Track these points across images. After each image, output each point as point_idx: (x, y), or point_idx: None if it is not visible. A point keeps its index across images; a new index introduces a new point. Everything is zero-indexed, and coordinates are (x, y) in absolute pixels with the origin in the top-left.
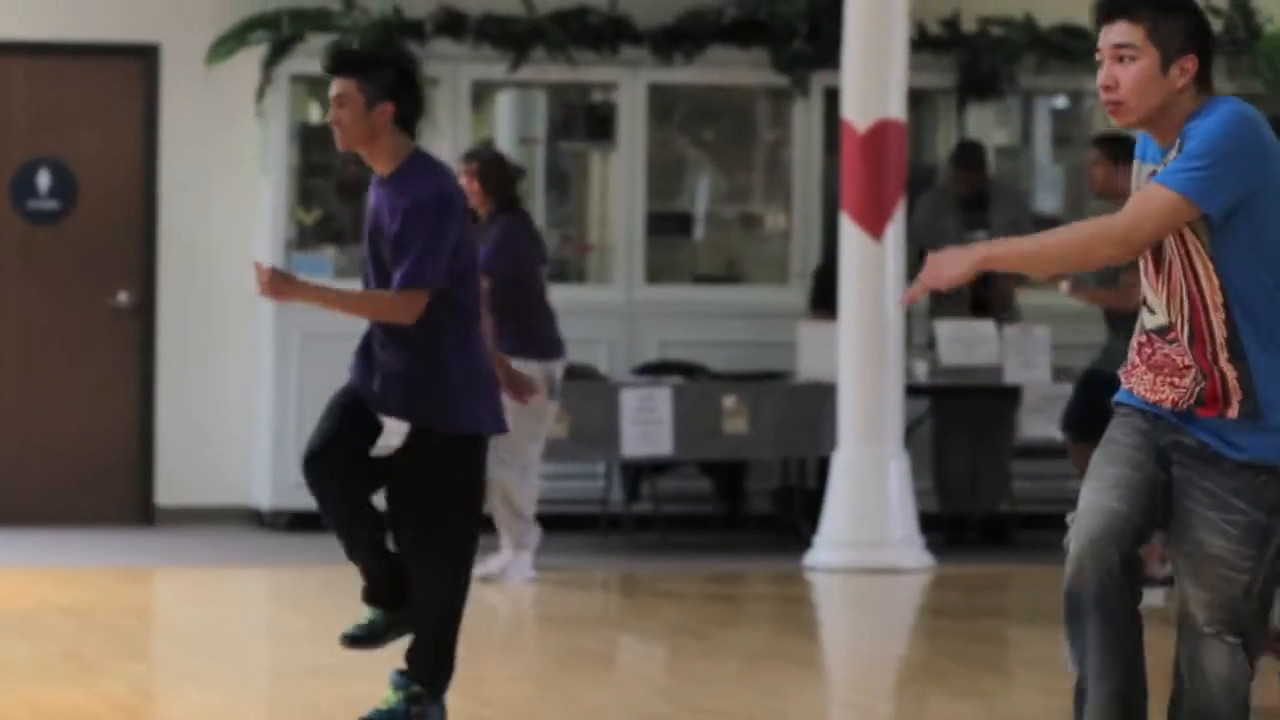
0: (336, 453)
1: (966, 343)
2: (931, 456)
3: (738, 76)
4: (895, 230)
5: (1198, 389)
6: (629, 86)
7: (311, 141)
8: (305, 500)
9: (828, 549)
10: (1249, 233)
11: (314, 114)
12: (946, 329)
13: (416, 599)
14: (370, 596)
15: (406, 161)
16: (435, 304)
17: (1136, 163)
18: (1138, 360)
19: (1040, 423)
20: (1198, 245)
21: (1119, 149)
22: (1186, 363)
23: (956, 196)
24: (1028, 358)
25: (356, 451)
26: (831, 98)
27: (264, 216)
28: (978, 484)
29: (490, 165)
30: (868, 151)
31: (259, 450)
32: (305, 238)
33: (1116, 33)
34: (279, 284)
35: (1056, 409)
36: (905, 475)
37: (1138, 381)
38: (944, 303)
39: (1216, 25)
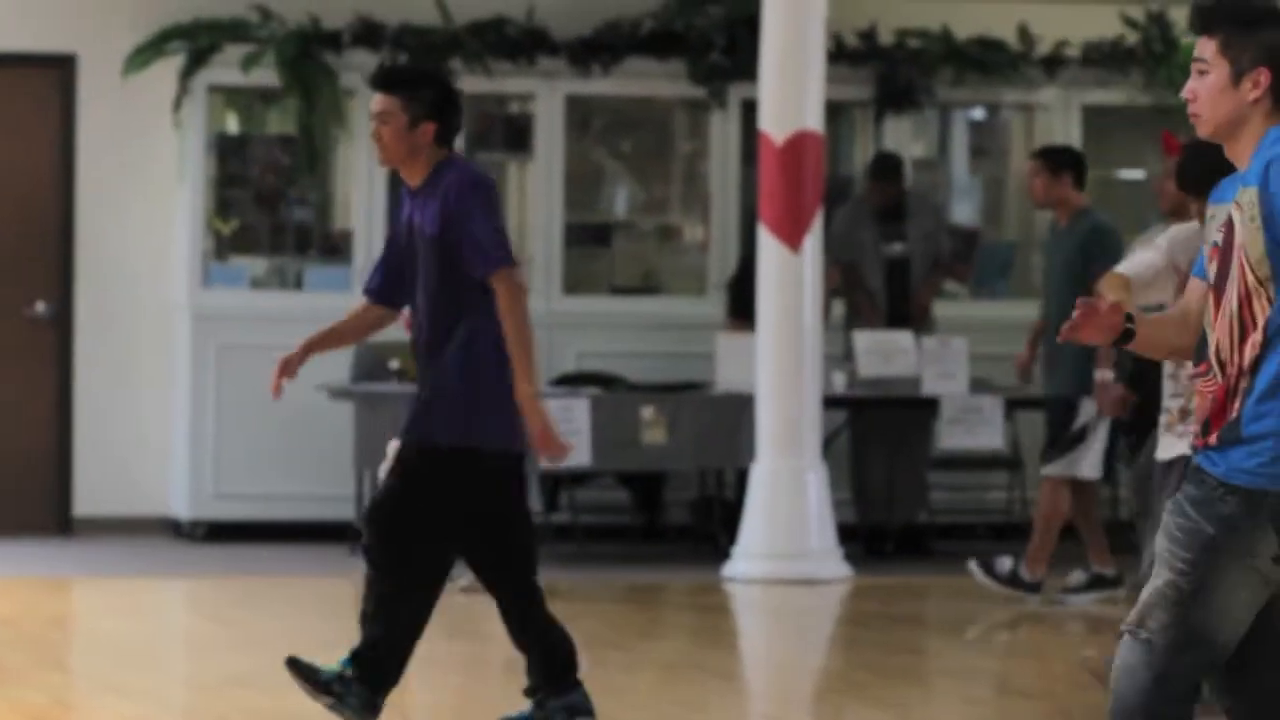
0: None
1: (884, 354)
2: (850, 467)
3: (655, 88)
4: (813, 242)
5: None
6: (546, 97)
7: (229, 152)
8: (223, 511)
9: (746, 560)
10: None
11: (231, 124)
12: (864, 340)
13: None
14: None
15: (435, 169)
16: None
17: (1210, 206)
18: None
19: (958, 433)
20: (1254, 263)
21: (1058, 159)
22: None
23: (873, 208)
24: (945, 369)
25: None
26: (749, 109)
27: (181, 227)
28: (895, 495)
29: None
30: (785, 163)
31: (177, 460)
32: (222, 248)
33: (1198, 47)
34: (553, 443)
35: (974, 420)
36: (823, 486)
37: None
38: (861, 315)
39: (1132, 37)
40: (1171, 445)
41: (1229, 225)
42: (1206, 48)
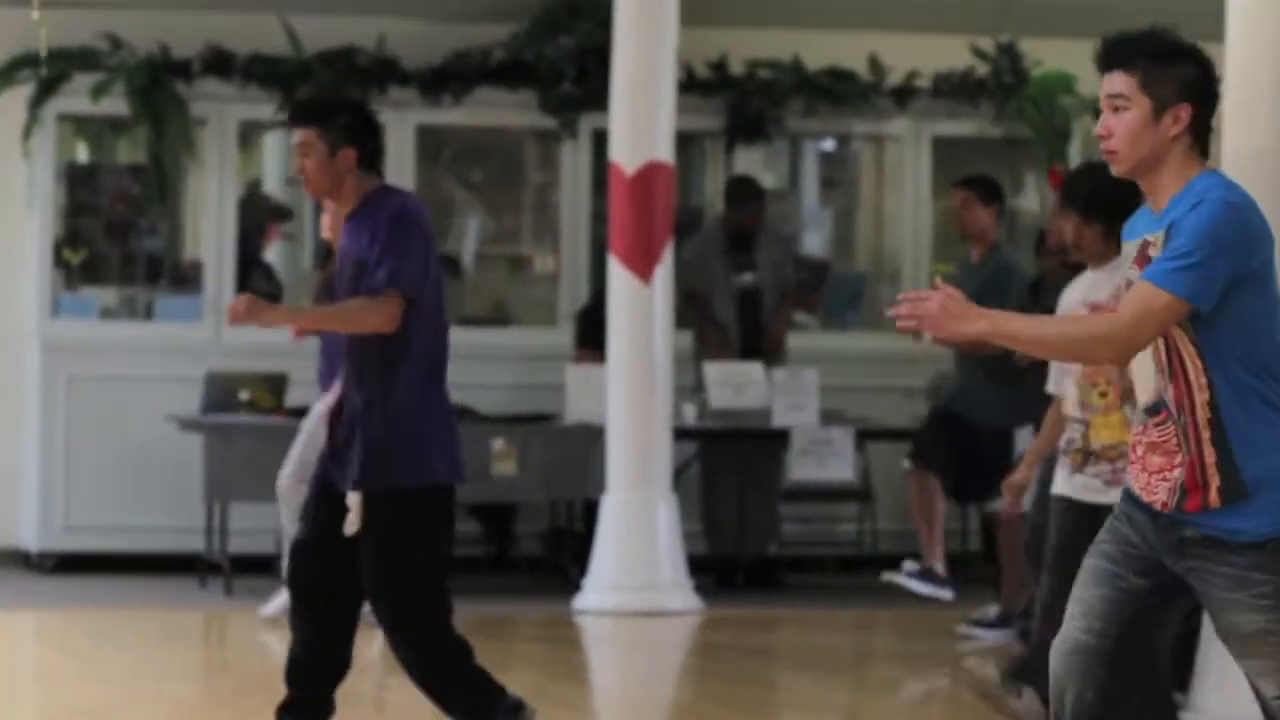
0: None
1: (735, 385)
2: (700, 499)
3: (506, 118)
4: (664, 272)
5: (1179, 480)
6: (397, 127)
7: (79, 181)
8: (72, 542)
9: (597, 592)
10: (1234, 315)
11: (81, 153)
12: (715, 371)
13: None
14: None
15: (368, 195)
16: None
17: (1126, 244)
18: (1134, 455)
19: (809, 465)
20: (1181, 330)
21: (991, 190)
22: (1176, 445)
23: (727, 235)
24: (796, 400)
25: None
26: (600, 140)
27: (31, 256)
28: (746, 527)
29: None
30: (636, 193)
31: (26, 491)
32: (72, 277)
33: (1110, 83)
34: (252, 306)
35: (825, 452)
36: (674, 518)
37: (1134, 479)
38: (710, 346)
39: (982, 69)
40: (1083, 488)
41: (1144, 263)
42: (1123, 83)
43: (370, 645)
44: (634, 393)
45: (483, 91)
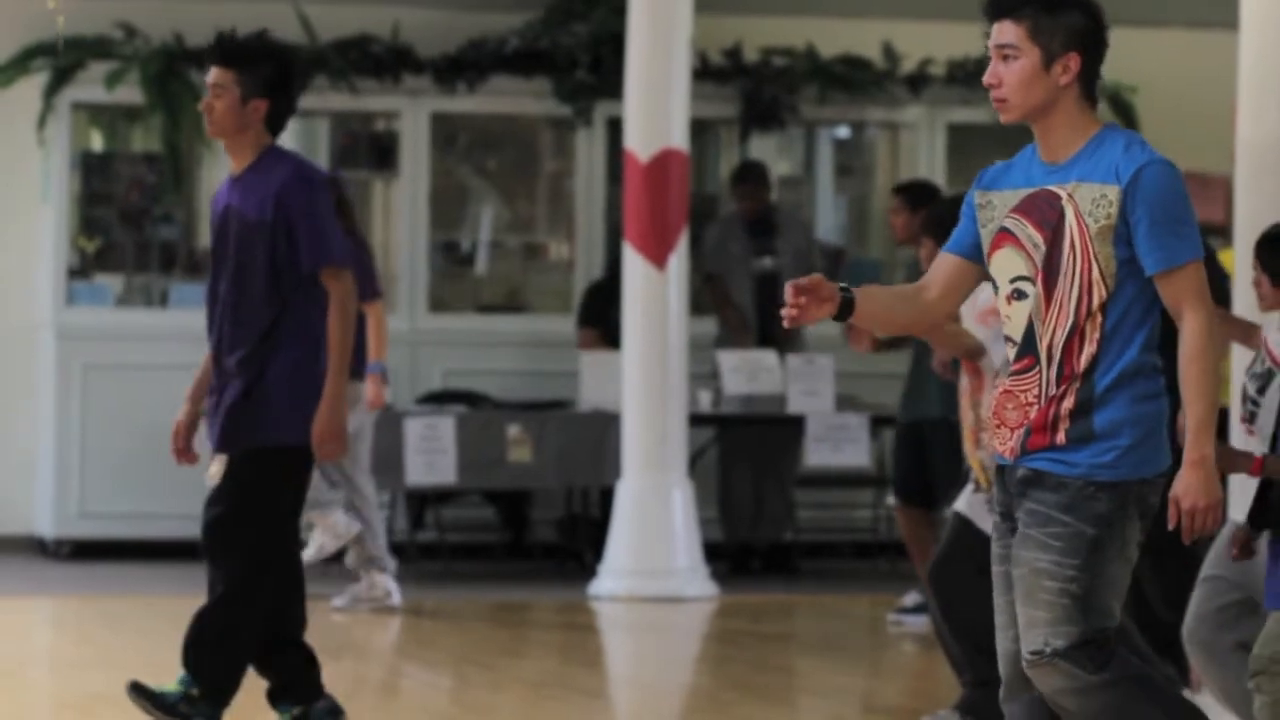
0: None
1: (749, 372)
2: (716, 485)
3: (520, 106)
4: (678, 259)
5: (1029, 425)
6: (411, 115)
7: (93, 170)
8: (88, 529)
9: (612, 578)
10: (1148, 281)
11: (96, 142)
12: (729, 359)
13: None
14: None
15: (262, 155)
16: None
17: (981, 193)
18: (995, 421)
19: (824, 451)
20: (1101, 260)
21: (917, 196)
22: (1032, 397)
23: (743, 220)
24: (811, 387)
25: None
26: (614, 127)
27: (45, 245)
28: (762, 513)
29: None
30: (650, 181)
31: (42, 479)
32: (87, 266)
33: (1000, 32)
34: (332, 447)
35: (840, 438)
36: (689, 504)
37: (997, 443)
38: (730, 329)
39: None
40: (977, 510)
41: (1056, 215)
42: (1012, 32)
43: (383, 632)
44: (649, 379)
45: (497, 79)
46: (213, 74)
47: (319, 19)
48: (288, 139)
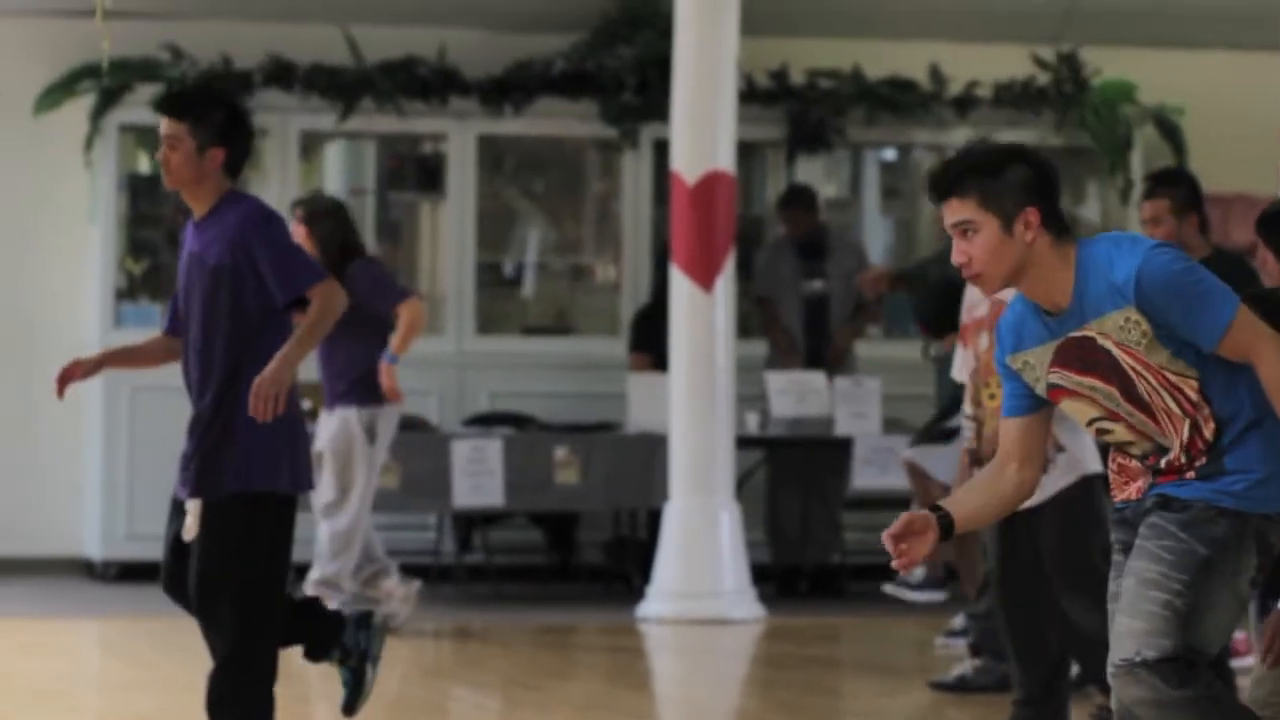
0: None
1: (797, 394)
2: (764, 507)
3: (567, 128)
4: (725, 282)
5: (1158, 470)
6: (458, 137)
7: (140, 191)
8: (135, 551)
9: (659, 600)
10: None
11: (143, 164)
12: (777, 381)
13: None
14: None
15: (220, 201)
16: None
17: (1014, 356)
18: (1115, 479)
19: (872, 474)
20: (1169, 363)
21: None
22: (1161, 466)
23: (793, 243)
24: (858, 409)
25: None
26: (661, 150)
27: (93, 266)
28: (809, 535)
29: (316, 210)
30: (697, 203)
31: (89, 501)
32: (134, 288)
33: (951, 211)
34: (271, 391)
35: (887, 460)
36: (737, 526)
37: (1117, 490)
38: (779, 351)
39: (1043, 78)
40: None
41: (1104, 355)
42: (963, 208)
43: (430, 654)
44: (696, 402)
45: (544, 101)
46: (165, 126)
47: (366, 41)
48: (335, 162)
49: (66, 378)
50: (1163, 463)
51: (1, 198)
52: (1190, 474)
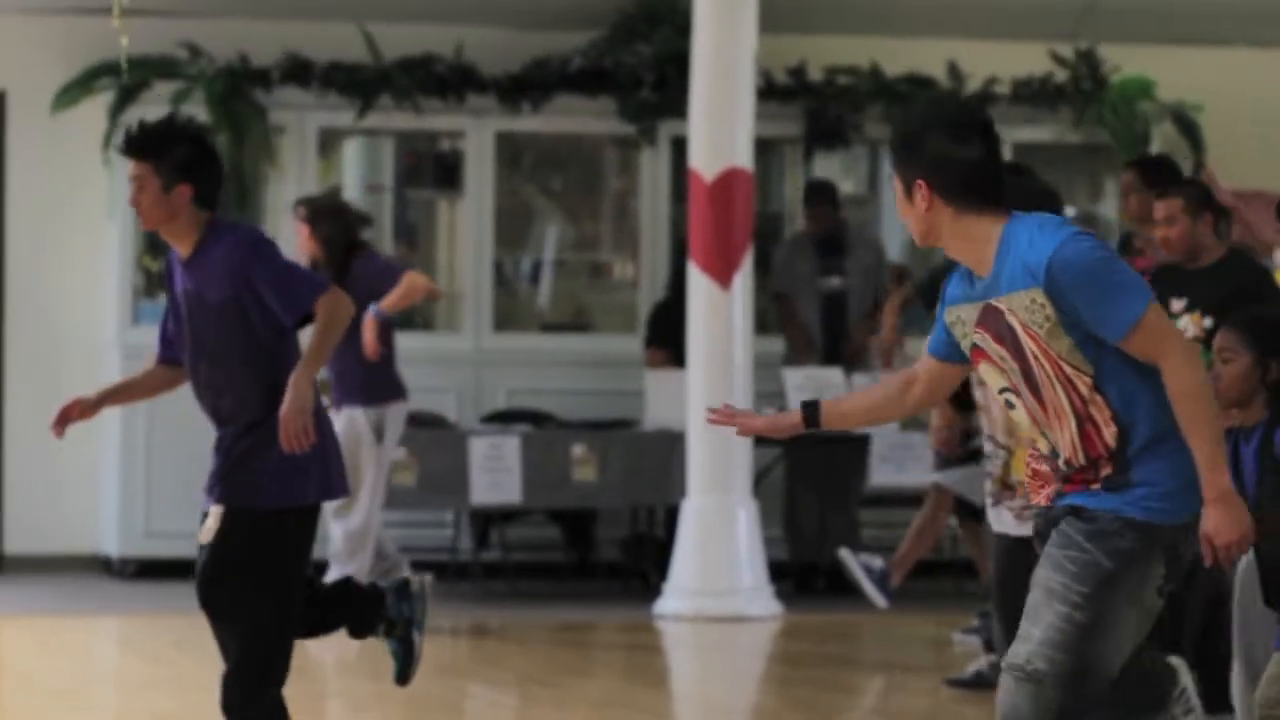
0: None
1: (815, 391)
2: (781, 504)
3: (585, 125)
4: (743, 279)
5: (1064, 475)
6: (476, 134)
7: None
8: (154, 548)
9: (677, 597)
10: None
11: None
12: (794, 377)
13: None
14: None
15: (203, 235)
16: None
17: (949, 308)
18: (1034, 477)
19: (889, 471)
20: (1066, 354)
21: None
22: (1065, 470)
23: (812, 239)
24: None
25: None
26: (679, 147)
27: (111, 264)
28: (827, 532)
29: (319, 210)
30: (715, 200)
31: (107, 498)
32: (152, 285)
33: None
34: (300, 423)
35: (905, 457)
36: (754, 523)
37: (1033, 493)
38: (796, 348)
39: (1061, 75)
40: (1005, 521)
41: (1009, 330)
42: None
43: (448, 651)
44: (713, 398)
45: (562, 99)
46: (130, 169)
47: (384, 39)
48: (353, 160)
49: (65, 417)
50: (1061, 462)
51: (20, 195)
52: (1097, 484)
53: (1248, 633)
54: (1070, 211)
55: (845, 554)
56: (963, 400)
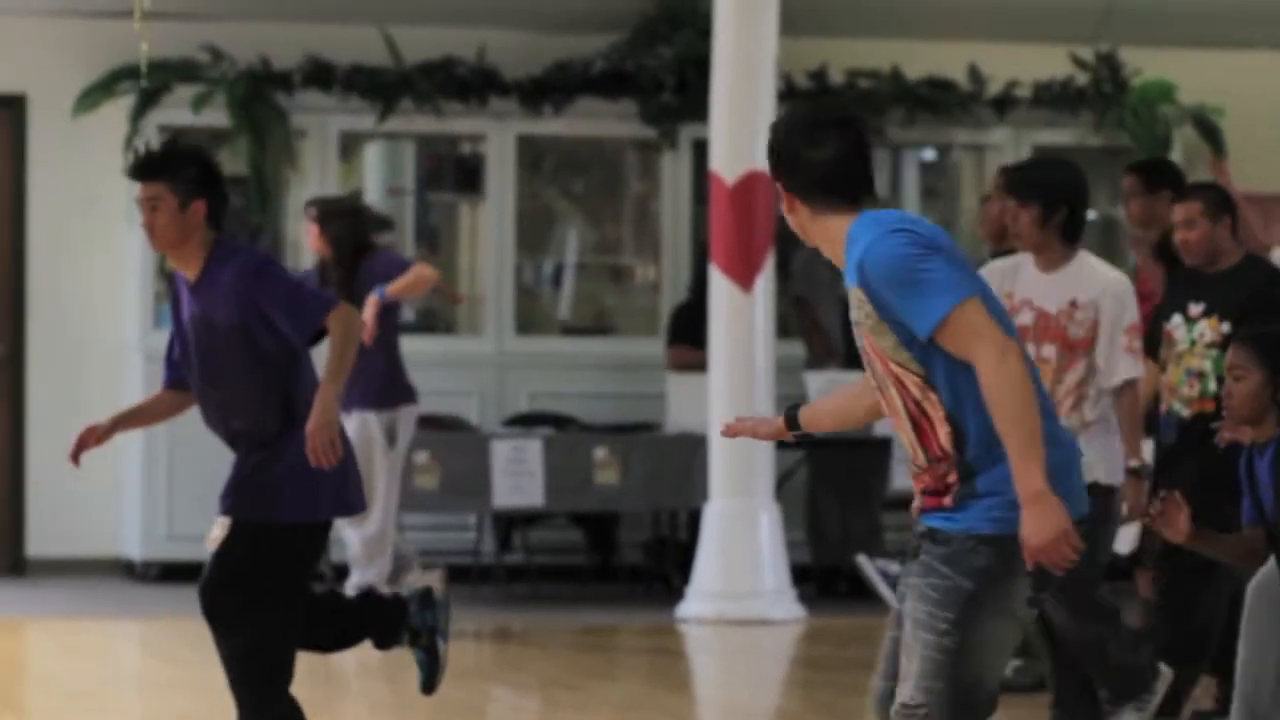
0: None
1: None
2: (803, 508)
3: (606, 128)
4: (764, 282)
5: (915, 475)
6: (497, 138)
7: None
8: (176, 551)
9: (699, 600)
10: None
11: None
12: (816, 381)
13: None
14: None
15: (210, 255)
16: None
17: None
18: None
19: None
20: (891, 351)
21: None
22: (922, 463)
23: None
24: None
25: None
26: (700, 150)
27: (133, 267)
28: (849, 535)
29: (329, 210)
30: (736, 203)
31: (130, 501)
32: None
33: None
34: (326, 436)
35: None
36: (777, 526)
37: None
38: (815, 352)
39: (1082, 78)
40: None
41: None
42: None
43: (470, 655)
44: (735, 402)
45: (583, 102)
46: (142, 190)
47: (405, 42)
48: (374, 163)
49: (82, 445)
50: (911, 463)
51: (41, 198)
52: (948, 500)
53: (1259, 646)
54: (1091, 214)
55: (862, 560)
56: None
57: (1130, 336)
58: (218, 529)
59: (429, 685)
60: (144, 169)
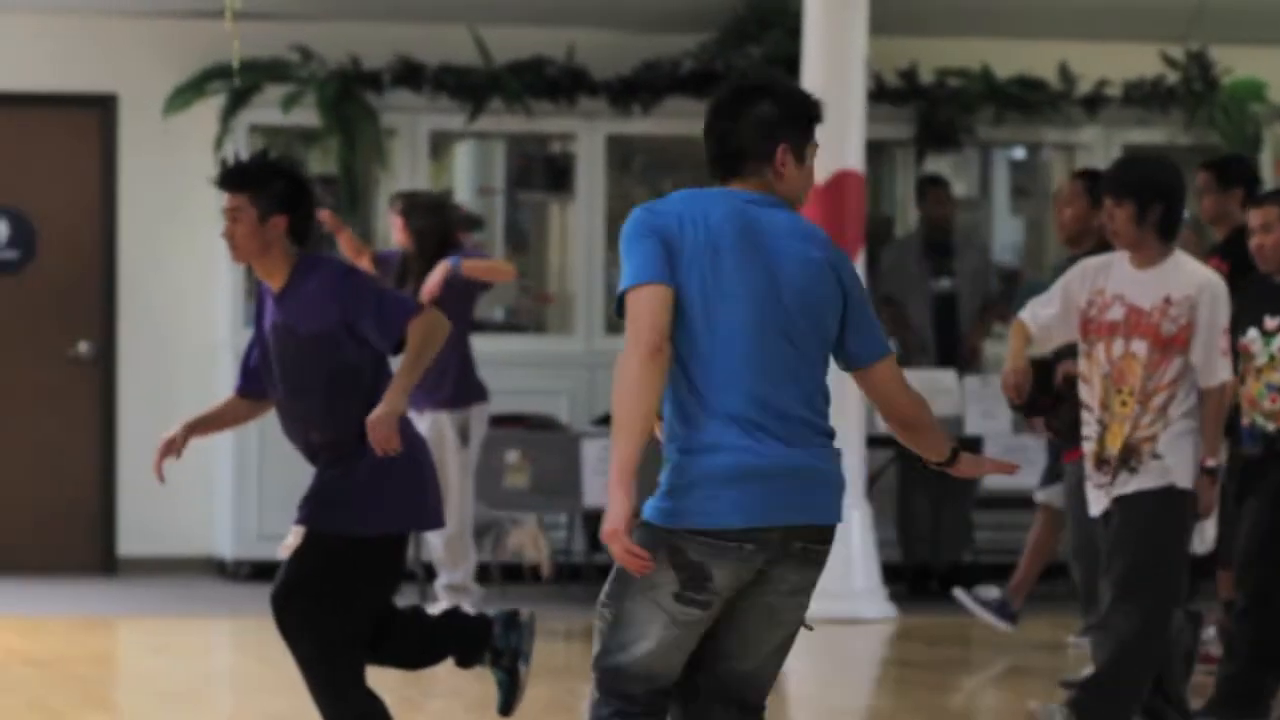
0: None
1: (927, 393)
2: (895, 507)
3: (695, 128)
4: None
5: None
6: (587, 137)
7: None
8: (266, 550)
9: None
10: None
11: None
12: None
13: None
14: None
15: (295, 269)
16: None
17: None
18: None
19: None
20: None
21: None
22: None
23: (925, 241)
24: (988, 408)
25: None
26: None
27: (223, 266)
28: (940, 534)
29: (415, 204)
30: (826, 202)
31: (221, 500)
32: None
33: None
34: (388, 426)
35: (1017, 459)
36: (868, 526)
37: None
38: (907, 351)
39: (1173, 77)
40: (1090, 500)
41: None
42: None
43: (560, 656)
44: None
45: (672, 101)
46: (226, 200)
47: (494, 41)
48: (464, 163)
49: (163, 456)
50: None
51: (132, 199)
52: None
53: None
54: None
55: (959, 594)
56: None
57: (1225, 338)
58: (292, 537)
59: (507, 707)
60: (228, 180)
